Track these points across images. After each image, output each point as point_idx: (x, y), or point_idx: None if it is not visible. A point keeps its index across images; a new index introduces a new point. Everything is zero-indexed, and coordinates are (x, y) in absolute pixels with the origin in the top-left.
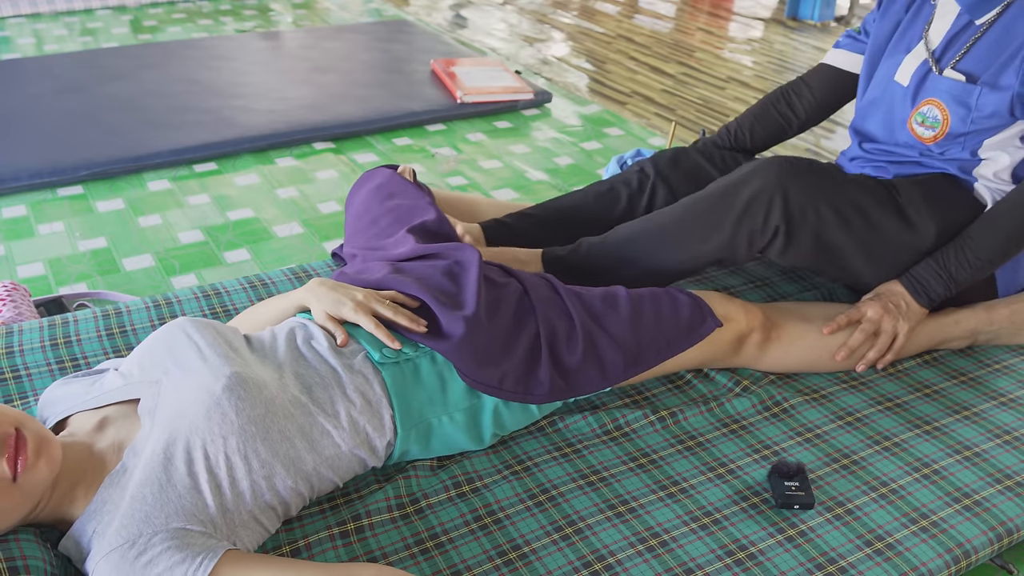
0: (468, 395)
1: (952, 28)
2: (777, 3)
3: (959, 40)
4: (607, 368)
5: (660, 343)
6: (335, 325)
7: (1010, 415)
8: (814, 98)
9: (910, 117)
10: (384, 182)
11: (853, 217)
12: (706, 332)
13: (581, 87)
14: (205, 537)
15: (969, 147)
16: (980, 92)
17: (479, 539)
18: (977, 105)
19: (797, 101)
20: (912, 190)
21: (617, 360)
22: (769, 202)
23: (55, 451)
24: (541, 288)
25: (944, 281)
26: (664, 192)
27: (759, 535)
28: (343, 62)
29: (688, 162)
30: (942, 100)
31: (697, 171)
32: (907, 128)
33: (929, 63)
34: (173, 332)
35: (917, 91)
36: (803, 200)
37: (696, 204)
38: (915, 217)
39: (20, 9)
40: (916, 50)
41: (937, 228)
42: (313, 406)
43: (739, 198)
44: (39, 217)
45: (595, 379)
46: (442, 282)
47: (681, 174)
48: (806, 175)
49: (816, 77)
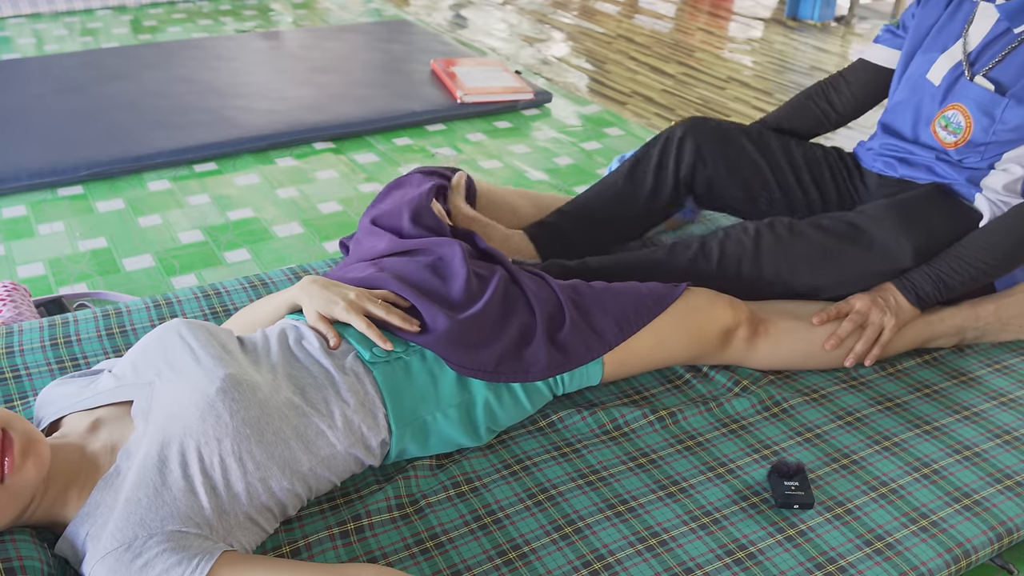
0: (459, 391)
1: (990, 34)
2: (777, 3)
3: (994, 47)
4: (601, 332)
5: (647, 302)
6: (327, 326)
7: (1010, 415)
8: (852, 94)
9: (935, 120)
10: (413, 186)
11: (819, 263)
12: (682, 290)
13: (581, 87)
14: (201, 539)
15: (987, 157)
16: (1007, 105)
17: (479, 539)
18: (1002, 117)
19: (836, 96)
20: (888, 213)
21: (608, 323)
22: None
23: (43, 452)
24: (524, 274)
25: (934, 283)
26: (691, 150)
27: (759, 535)
28: (343, 62)
29: (716, 126)
30: (968, 107)
31: (725, 134)
32: (930, 130)
33: (963, 66)
34: (167, 334)
35: (947, 93)
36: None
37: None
38: (884, 240)
39: (20, 9)
40: (952, 50)
41: (915, 247)
42: (307, 407)
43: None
44: (39, 217)
45: (593, 344)
46: (425, 277)
47: (708, 133)
48: (774, 245)
49: (854, 72)
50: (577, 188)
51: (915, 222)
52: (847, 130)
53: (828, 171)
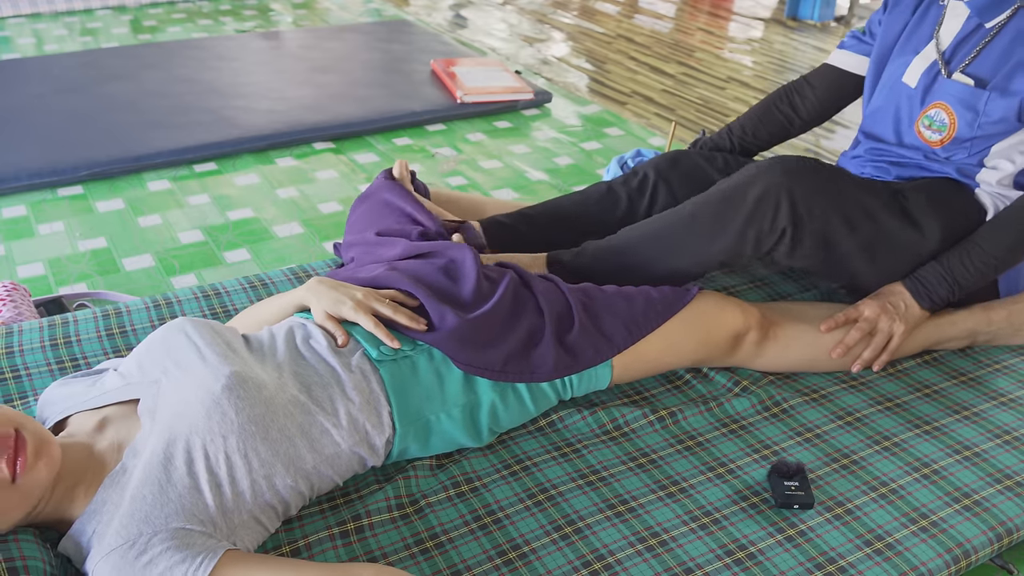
0: (465, 392)
1: (962, 31)
2: (777, 3)
3: (968, 43)
4: (610, 335)
5: (658, 306)
6: (335, 325)
7: (1010, 415)
8: (816, 99)
9: (917, 120)
10: (378, 191)
11: (859, 219)
12: (693, 295)
13: (581, 87)
14: (205, 537)
15: (975, 152)
16: (989, 97)
17: (479, 539)
18: (985, 110)
19: (800, 101)
20: (917, 192)
21: (617, 326)
22: (776, 203)
23: (54, 452)
24: (535, 277)
25: (948, 284)
26: (665, 193)
27: (759, 535)
28: (343, 62)
29: (688, 163)
30: (950, 104)
31: (697, 172)
32: (914, 131)
33: (939, 65)
34: (172, 332)
35: (925, 94)
36: (810, 201)
37: (701, 207)
38: (920, 219)
39: (20, 9)
40: (925, 51)
41: (942, 231)
42: (312, 405)
43: (746, 199)
44: (39, 217)
45: (601, 346)
46: (438, 278)
47: (681, 176)
48: (811, 175)
49: (819, 77)
50: (577, 188)
51: (939, 205)
52: (824, 132)
53: None
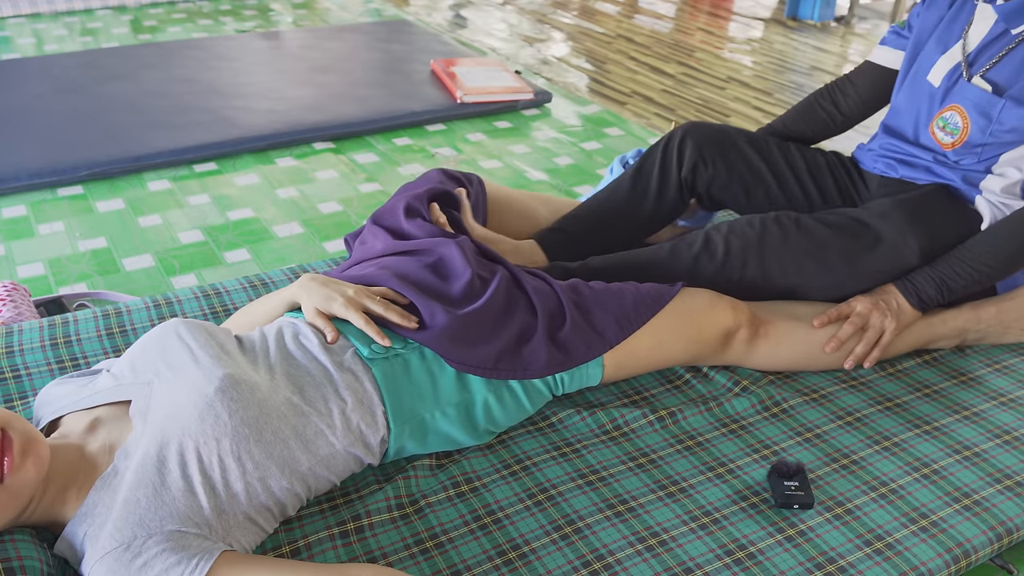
0: (459, 390)
1: (988, 35)
2: (777, 3)
3: (992, 48)
4: (601, 331)
5: (646, 300)
6: (325, 322)
7: (1010, 415)
8: (858, 96)
9: (932, 120)
10: (416, 185)
11: (824, 258)
12: (679, 288)
13: (581, 87)
14: (200, 539)
15: (984, 159)
16: (1004, 105)
17: (479, 539)
18: (999, 118)
19: (842, 99)
20: (895, 210)
21: (609, 322)
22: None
23: (43, 451)
24: (526, 274)
25: (936, 286)
26: (692, 149)
27: (758, 535)
28: (343, 62)
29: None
30: (965, 108)
31: (726, 135)
32: (928, 131)
33: (962, 67)
34: (165, 334)
35: (945, 95)
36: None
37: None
38: (890, 237)
39: (20, 9)
40: (952, 51)
41: (921, 246)
42: (306, 406)
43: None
44: (39, 217)
45: (593, 342)
46: (425, 276)
47: (708, 135)
48: (780, 239)
49: (861, 75)
50: (577, 188)
51: (921, 220)
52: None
53: (828, 172)
